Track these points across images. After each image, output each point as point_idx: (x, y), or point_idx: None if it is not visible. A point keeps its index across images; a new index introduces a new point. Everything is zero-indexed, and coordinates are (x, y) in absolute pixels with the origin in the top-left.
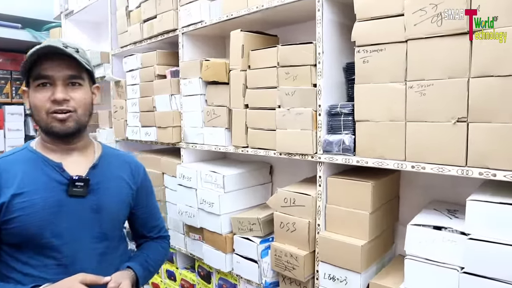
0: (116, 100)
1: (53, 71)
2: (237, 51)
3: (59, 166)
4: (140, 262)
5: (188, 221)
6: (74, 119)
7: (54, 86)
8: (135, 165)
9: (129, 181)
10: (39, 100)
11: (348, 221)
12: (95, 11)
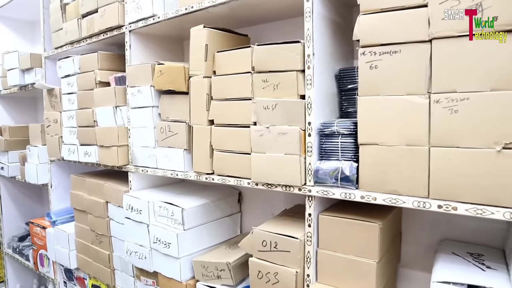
0: (49, 112)
1: None
2: (199, 52)
3: None
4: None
5: (138, 263)
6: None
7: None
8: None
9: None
10: None
11: (347, 271)
12: (24, 5)
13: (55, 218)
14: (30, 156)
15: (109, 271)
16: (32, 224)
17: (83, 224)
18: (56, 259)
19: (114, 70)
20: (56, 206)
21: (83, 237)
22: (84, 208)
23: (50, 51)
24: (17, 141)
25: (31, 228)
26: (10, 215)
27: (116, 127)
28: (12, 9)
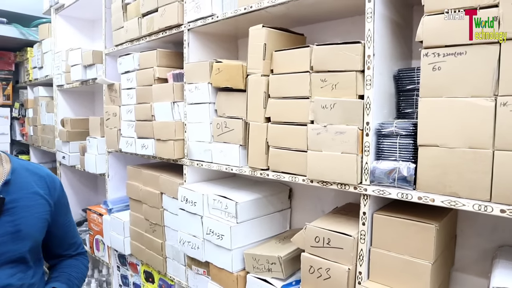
0: (109, 106)
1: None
2: (257, 51)
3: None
4: (65, 282)
5: (190, 252)
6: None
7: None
8: (50, 179)
9: (46, 197)
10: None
11: (400, 271)
12: (88, 5)
13: (111, 206)
14: (90, 147)
15: (161, 259)
16: (89, 211)
17: (137, 213)
18: (111, 245)
19: (172, 67)
20: (112, 195)
21: (138, 225)
22: (140, 198)
23: (110, 48)
24: (78, 132)
25: (88, 214)
26: (70, 201)
27: (173, 122)
28: (76, 8)
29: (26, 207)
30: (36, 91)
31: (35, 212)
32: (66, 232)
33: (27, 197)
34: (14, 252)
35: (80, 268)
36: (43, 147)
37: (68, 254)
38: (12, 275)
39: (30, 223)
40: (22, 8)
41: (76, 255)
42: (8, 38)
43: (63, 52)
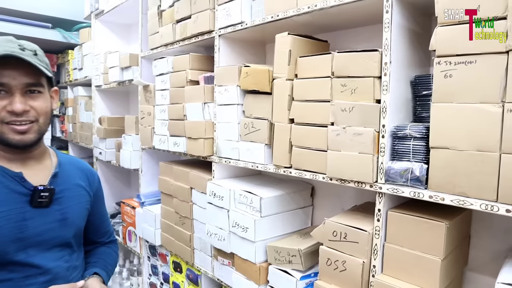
0: (144, 106)
1: (9, 79)
2: (283, 57)
3: (19, 176)
4: (103, 268)
5: (217, 244)
6: (36, 129)
7: (11, 94)
8: (90, 173)
9: (87, 188)
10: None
11: (412, 266)
12: (126, 11)
13: (144, 199)
14: (125, 143)
15: (189, 250)
16: (123, 204)
17: (168, 207)
18: (143, 236)
19: (203, 70)
20: (145, 189)
21: (168, 218)
22: (171, 192)
23: (146, 52)
24: (114, 130)
25: (122, 207)
26: (104, 195)
27: (204, 122)
28: (114, 14)
29: (71, 197)
30: (75, 90)
31: (78, 202)
32: (102, 221)
33: (72, 188)
34: (61, 238)
35: (113, 255)
36: (81, 143)
37: (102, 241)
38: (61, 257)
39: (75, 211)
40: (65, 13)
41: (109, 242)
42: (52, 42)
43: (101, 54)
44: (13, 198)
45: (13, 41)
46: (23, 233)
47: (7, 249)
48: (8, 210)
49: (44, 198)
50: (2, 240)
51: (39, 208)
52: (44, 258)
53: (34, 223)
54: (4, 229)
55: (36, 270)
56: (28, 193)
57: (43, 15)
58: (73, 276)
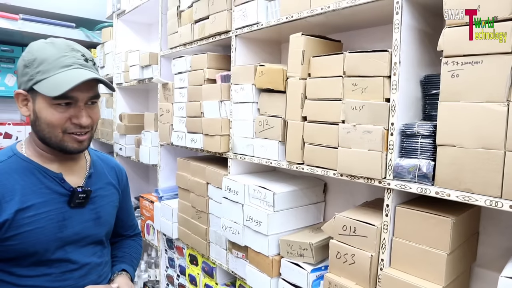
0: (163, 103)
1: (78, 92)
2: (296, 57)
3: (59, 177)
4: (130, 263)
5: (232, 237)
6: (90, 137)
7: (76, 106)
8: (119, 169)
9: (117, 186)
10: (57, 119)
11: (419, 260)
12: (146, 11)
13: (162, 194)
14: (144, 140)
15: (205, 243)
16: (142, 198)
17: (185, 201)
18: (160, 229)
19: (220, 69)
20: (163, 184)
21: (185, 212)
22: (188, 187)
23: (165, 51)
24: (134, 126)
25: (141, 201)
26: None
27: (220, 119)
28: (135, 14)
29: (104, 196)
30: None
31: (110, 201)
32: (128, 215)
33: (104, 187)
34: (95, 236)
35: (137, 248)
36: (102, 139)
37: (127, 234)
38: (94, 253)
39: (107, 210)
40: (88, 13)
41: (133, 235)
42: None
43: (122, 53)
44: (53, 199)
45: (75, 49)
46: (63, 233)
47: (48, 248)
48: (50, 211)
49: (81, 199)
50: (45, 240)
51: (76, 208)
52: (79, 255)
53: (72, 222)
54: (46, 229)
55: (73, 265)
56: (67, 194)
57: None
58: (104, 270)
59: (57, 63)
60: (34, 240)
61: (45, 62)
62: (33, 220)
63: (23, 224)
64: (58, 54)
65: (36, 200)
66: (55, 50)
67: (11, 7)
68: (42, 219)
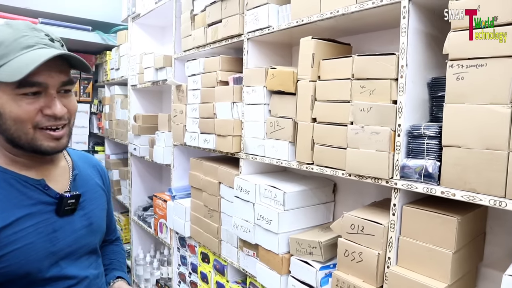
0: (176, 105)
1: (46, 77)
2: (306, 60)
3: (41, 184)
4: (120, 269)
5: (243, 235)
6: (68, 133)
7: (47, 95)
8: (101, 168)
9: (103, 187)
10: (25, 112)
11: (425, 258)
12: (160, 14)
13: (175, 193)
14: (158, 140)
15: (217, 241)
16: (155, 197)
17: (198, 200)
18: (173, 228)
19: (232, 71)
20: (176, 183)
21: (197, 211)
22: (200, 186)
23: (179, 53)
24: (148, 127)
25: (154, 200)
26: (137, 188)
27: (232, 120)
28: (149, 17)
29: (92, 200)
30: (112, 89)
31: (99, 204)
32: (111, 219)
33: (91, 189)
34: (90, 244)
35: (122, 254)
36: (117, 140)
37: (110, 239)
38: (89, 265)
39: (98, 215)
40: (104, 17)
41: (115, 240)
42: (91, 43)
43: (137, 55)
44: (39, 210)
45: (37, 29)
46: (55, 246)
47: (41, 266)
48: (37, 223)
49: (70, 205)
50: (36, 257)
51: (65, 216)
52: (76, 268)
53: (64, 233)
54: (36, 245)
55: (70, 281)
56: (53, 202)
57: (84, 19)
58: (102, 281)
59: (16, 44)
60: (24, 260)
61: (1, 46)
62: (20, 237)
63: (8, 243)
64: (17, 34)
65: (19, 213)
66: (12, 31)
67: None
68: (29, 234)
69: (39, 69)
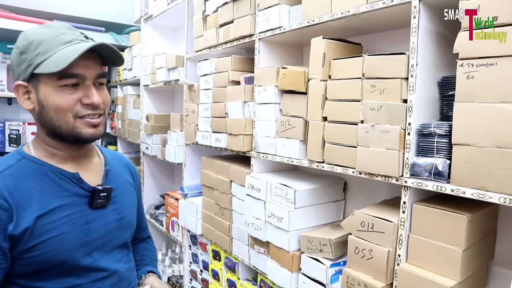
0: (188, 104)
1: (84, 69)
2: (317, 59)
3: (76, 177)
4: (153, 264)
5: (254, 233)
6: (104, 122)
7: (85, 86)
8: (132, 167)
9: (133, 184)
10: (66, 102)
11: (435, 256)
12: (173, 15)
13: (187, 191)
14: (170, 139)
15: (228, 239)
16: (167, 196)
17: (209, 198)
18: (185, 226)
19: (244, 71)
20: (188, 182)
21: (209, 209)
22: (212, 185)
23: (191, 54)
24: (160, 126)
25: (166, 198)
26: (150, 187)
27: (244, 119)
28: (161, 18)
29: (123, 195)
30: (125, 89)
31: (130, 200)
32: (142, 217)
33: (122, 185)
34: (121, 238)
35: (153, 251)
36: (129, 139)
37: (141, 237)
38: (121, 259)
39: (129, 210)
40: (117, 18)
41: (146, 238)
42: None
43: (150, 56)
44: (73, 201)
45: (72, 28)
46: (88, 237)
47: (75, 255)
48: (72, 214)
49: (102, 198)
50: (70, 247)
51: (98, 209)
52: (107, 261)
53: (96, 225)
54: (71, 234)
55: (103, 273)
56: (86, 195)
57: (98, 20)
58: (133, 276)
59: (56, 41)
60: (59, 248)
61: (43, 43)
62: (56, 226)
63: (45, 231)
64: (56, 33)
65: (56, 204)
66: (52, 30)
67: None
68: (64, 224)
69: (77, 62)
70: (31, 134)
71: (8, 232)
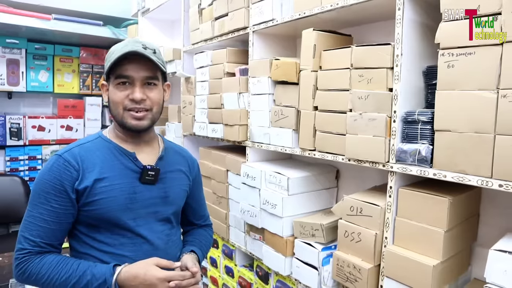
0: (185, 96)
1: (133, 72)
2: (308, 51)
3: (132, 155)
4: (199, 246)
5: (249, 220)
6: (149, 117)
7: (133, 85)
8: (191, 160)
9: (187, 173)
10: (118, 96)
11: (419, 237)
12: (169, 9)
13: None
14: (168, 131)
15: (225, 227)
16: None
17: (207, 188)
18: None
19: (238, 63)
20: None
21: (207, 198)
22: (209, 174)
23: (187, 46)
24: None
25: None
26: None
27: (239, 110)
28: (159, 12)
29: (172, 179)
30: None
31: (178, 184)
32: (199, 205)
33: (173, 171)
34: (163, 213)
35: (207, 237)
36: None
37: (198, 224)
38: (162, 231)
39: (175, 191)
40: (115, 11)
41: (205, 226)
42: (103, 38)
43: None
44: (126, 174)
45: (138, 41)
46: (133, 204)
47: (120, 216)
48: (122, 183)
49: (151, 176)
50: (117, 208)
51: (146, 184)
52: (148, 230)
53: (142, 196)
54: (118, 199)
55: (142, 239)
56: (138, 171)
57: (96, 14)
58: (172, 249)
59: (120, 50)
60: (108, 207)
61: (114, 52)
62: (107, 190)
63: (99, 192)
64: (123, 44)
65: (111, 173)
66: (121, 43)
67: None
68: (115, 190)
69: (128, 66)
70: (31, 128)
71: (75, 186)
